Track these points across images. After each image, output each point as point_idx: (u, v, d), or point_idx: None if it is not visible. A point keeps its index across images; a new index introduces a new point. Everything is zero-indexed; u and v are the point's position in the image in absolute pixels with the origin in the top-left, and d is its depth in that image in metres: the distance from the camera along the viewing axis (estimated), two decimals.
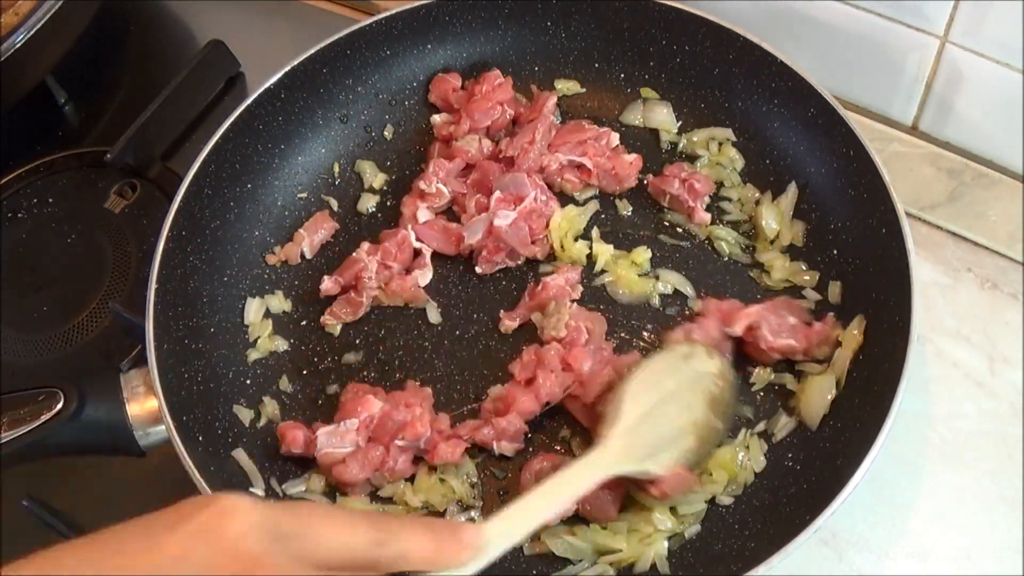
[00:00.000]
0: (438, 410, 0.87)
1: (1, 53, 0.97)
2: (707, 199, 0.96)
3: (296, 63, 0.98)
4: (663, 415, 0.81)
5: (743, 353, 0.88)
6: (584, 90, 1.03)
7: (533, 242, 0.94)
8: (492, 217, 0.92)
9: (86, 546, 0.50)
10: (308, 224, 0.98)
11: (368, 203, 1.00)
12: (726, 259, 0.94)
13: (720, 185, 0.97)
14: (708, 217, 0.95)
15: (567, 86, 1.03)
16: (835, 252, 0.92)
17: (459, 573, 0.59)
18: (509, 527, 0.67)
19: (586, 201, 0.97)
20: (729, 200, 0.96)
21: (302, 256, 0.97)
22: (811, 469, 0.83)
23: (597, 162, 0.96)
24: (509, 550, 0.67)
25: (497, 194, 0.94)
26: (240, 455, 0.85)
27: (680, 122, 1.00)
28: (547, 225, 0.94)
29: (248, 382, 0.91)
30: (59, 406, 0.81)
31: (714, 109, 1.00)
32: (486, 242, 0.93)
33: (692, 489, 0.81)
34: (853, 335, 0.86)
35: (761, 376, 0.88)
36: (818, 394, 0.85)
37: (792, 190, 0.95)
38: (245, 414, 0.88)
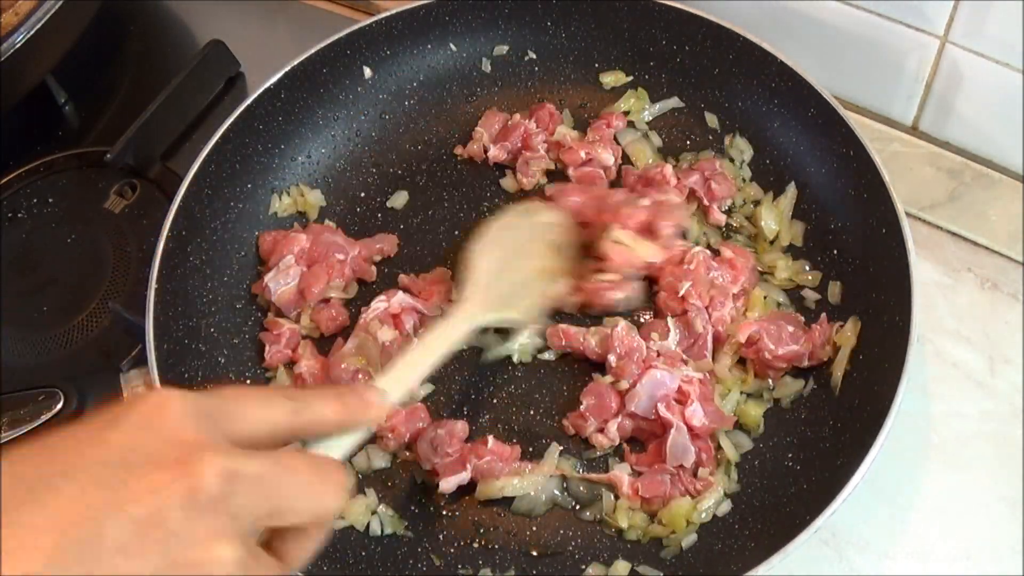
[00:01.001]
0: None
1: (1, 53, 0.96)
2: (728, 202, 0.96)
3: (296, 63, 0.98)
4: (513, 267, 0.88)
5: (755, 374, 0.88)
6: (631, 78, 1.02)
7: None
8: None
9: (31, 451, 0.52)
10: None
11: None
12: None
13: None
14: (723, 219, 0.95)
15: (613, 78, 1.02)
16: (835, 252, 0.92)
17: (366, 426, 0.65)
18: (400, 380, 0.73)
19: None
20: (731, 199, 0.96)
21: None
22: (811, 469, 0.83)
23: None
24: None
25: None
26: None
27: (681, 124, 1.00)
28: None
29: (248, 382, 0.91)
30: (59, 406, 0.81)
31: (714, 109, 1.00)
32: None
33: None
34: (847, 336, 0.86)
35: (786, 387, 0.87)
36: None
37: (791, 191, 0.95)
38: None
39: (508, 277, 0.87)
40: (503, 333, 0.90)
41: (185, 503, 0.50)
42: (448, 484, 0.83)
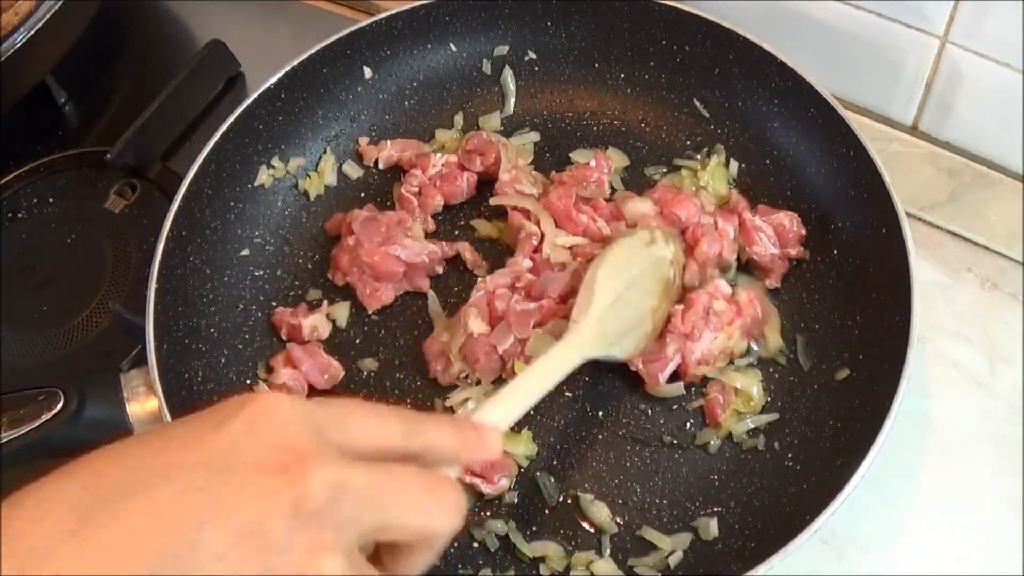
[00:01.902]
0: None
1: (1, 53, 0.96)
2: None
3: (296, 63, 0.98)
4: (628, 302, 0.85)
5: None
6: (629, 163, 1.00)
7: None
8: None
9: (129, 447, 0.51)
10: None
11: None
12: None
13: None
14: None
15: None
16: (835, 252, 0.92)
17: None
18: (507, 411, 0.70)
19: None
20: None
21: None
22: (811, 469, 0.83)
23: None
24: None
25: None
26: None
27: (681, 123, 1.01)
28: None
29: (248, 382, 0.91)
30: (59, 406, 0.81)
31: (714, 109, 1.00)
32: None
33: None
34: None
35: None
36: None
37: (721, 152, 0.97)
38: None
39: (623, 312, 0.84)
40: None
41: (289, 512, 0.48)
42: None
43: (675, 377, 0.87)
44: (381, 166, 1.01)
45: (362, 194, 1.00)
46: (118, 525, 0.47)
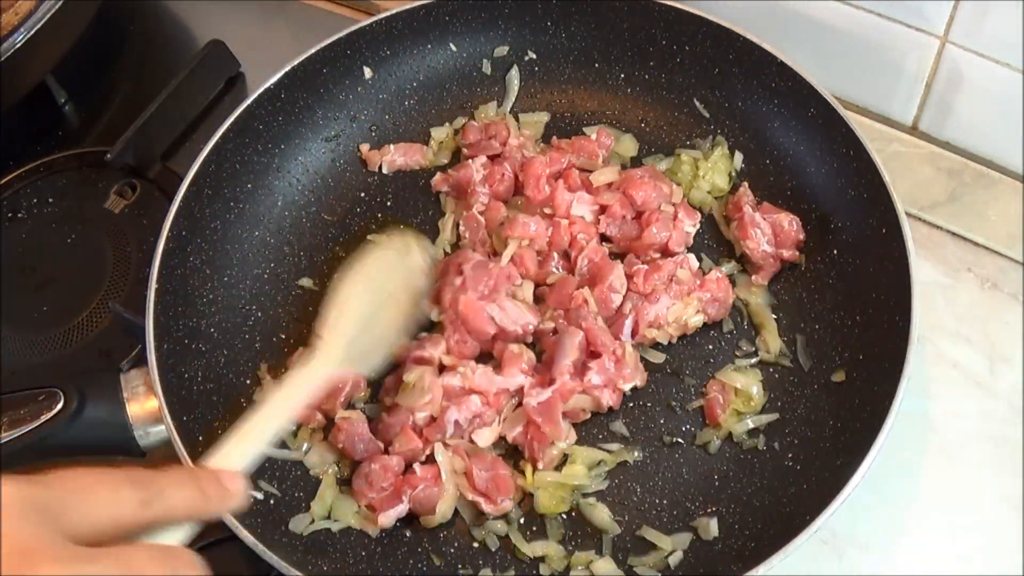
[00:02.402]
0: None
1: (1, 53, 0.96)
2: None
3: (296, 63, 0.98)
4: (379, 319, 0.84)
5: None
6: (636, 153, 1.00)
7: None
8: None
9: None
10: None
11: None
12: None
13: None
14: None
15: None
16: (835, 252, 0.92)
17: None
18: (247, 449, 0.68)
19: None
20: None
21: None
22: (811, 469, 0.83)
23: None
24: None
25: None
26: None
27: (681, 123, 1.01)
28: None
29: (248, 382, 0.91)
30: (59, 406, 0.81)
31: (714, 109, 1.00)
32: None
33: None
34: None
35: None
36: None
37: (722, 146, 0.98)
38: None
39: (373, 331, 0.83)
40: None
41: None
42: (387, 519, 0.82)
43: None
44: (385, 171, 1.01)
45: (362, 194, 1.00)
46: None
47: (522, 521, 0.84)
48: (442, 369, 0.87)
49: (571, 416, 0.86)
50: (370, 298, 0.84)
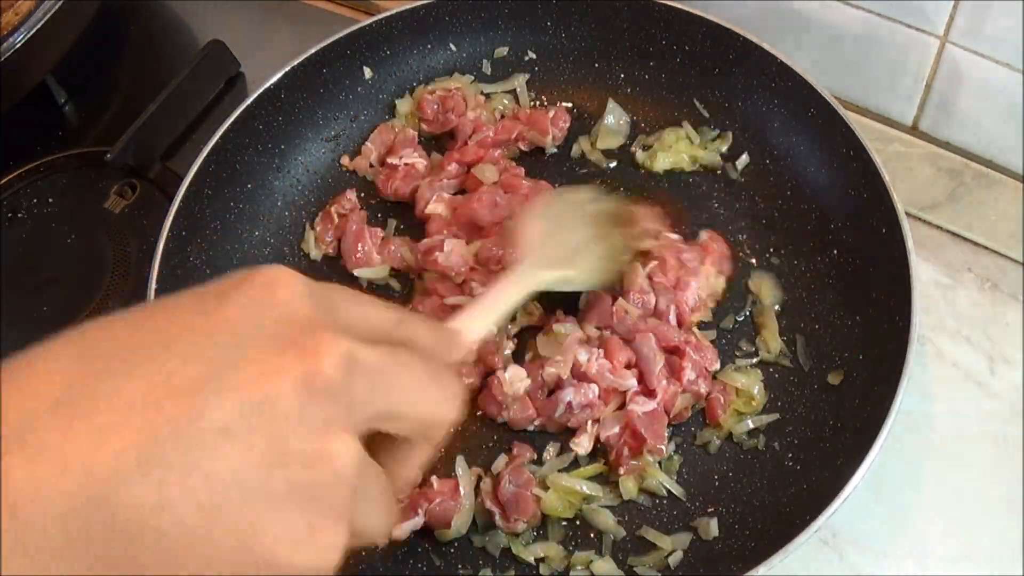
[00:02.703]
0: None
1: (1, 53, 0.97)
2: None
3: (296, 63, 0.98)
4: (563, 232, 0.86)
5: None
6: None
7: None
8: None
9: (127, 318, 0.46)
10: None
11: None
12: None
13: None
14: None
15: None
16: (835, 252, 0.92)
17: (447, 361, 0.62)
18: (478, 324, 0.72)
19: None
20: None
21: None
22: (811, 469, 0.83)
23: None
24: None
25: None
26: None
27: (680, 123, 1.01)
28: None
29: None
30: None
31: (714, 109, 1.00)
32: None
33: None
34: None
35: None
36: None
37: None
38: None
39: (559, 240, 0.85)
40: None
41: (301, 388, 0.43)
42: (401, 531, 0.82)
43: None
44: (373, 162, 1.01)
45: (363, 194, 1.00)
46: (108, 395, 0.42)
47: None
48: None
49: (678, 419, 0.86)
50: (542, 223, 0.86)
